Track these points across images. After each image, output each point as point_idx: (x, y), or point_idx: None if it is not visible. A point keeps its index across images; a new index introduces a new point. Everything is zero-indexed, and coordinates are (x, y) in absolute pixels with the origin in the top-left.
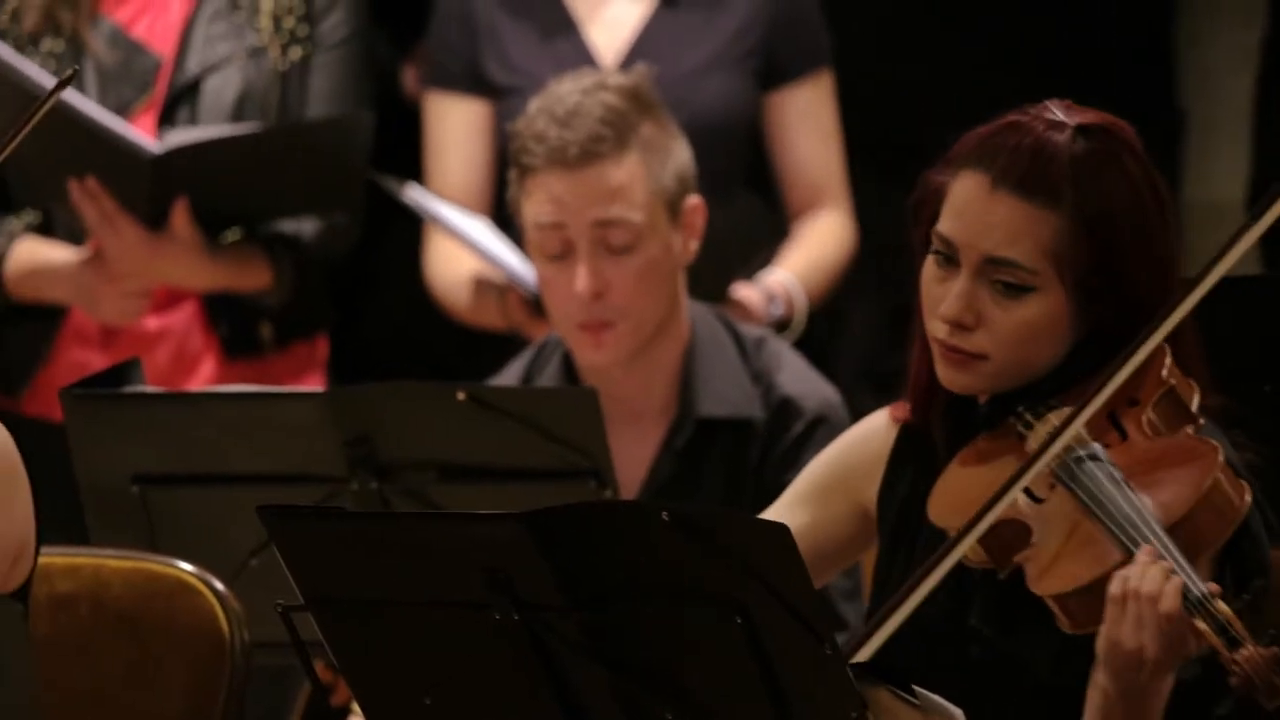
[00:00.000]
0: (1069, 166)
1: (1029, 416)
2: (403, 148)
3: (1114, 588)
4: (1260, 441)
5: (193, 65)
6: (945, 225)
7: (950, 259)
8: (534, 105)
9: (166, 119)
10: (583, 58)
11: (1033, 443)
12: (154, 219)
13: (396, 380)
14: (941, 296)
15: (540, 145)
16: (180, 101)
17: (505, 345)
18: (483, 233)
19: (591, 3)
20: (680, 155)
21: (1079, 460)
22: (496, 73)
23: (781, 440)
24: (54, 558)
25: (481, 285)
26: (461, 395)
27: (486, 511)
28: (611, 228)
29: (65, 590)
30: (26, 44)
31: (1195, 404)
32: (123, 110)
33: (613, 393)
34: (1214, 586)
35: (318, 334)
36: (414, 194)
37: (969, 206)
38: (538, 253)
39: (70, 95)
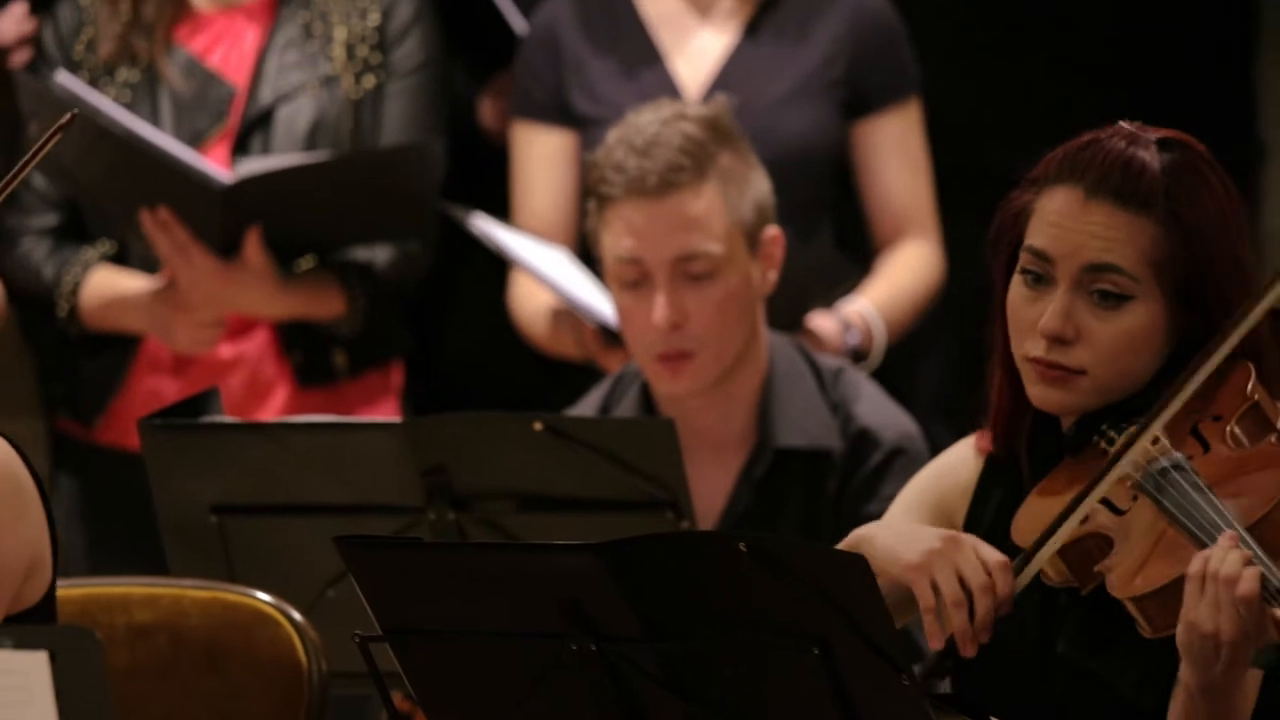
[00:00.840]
0: (1160, 176)
1: (1112, 433)
2: (481, 179)
3: (1193, 567)
4: None
5: (266, 94)
6: (1039, 240)
7: (1041, 277)
8: (613, 135)
9: (240, 148)
10: (667, 89)
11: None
12: (227, 248)
13: (474, 410)
14: (1034, 316)
15: (619, 175)
16: (254, 130)
17: (584, 375)
18: (556, 262)
19: (677, 34)
20: (759, 185)
21: (1163, 471)
22: (582, 103)
23: (859, 471)
24: (132, 588)
25: (558, 316)
26: (539, 426)
27: (563, 542)
28: (690, 259)
29: (144, 620)
30: (102, 74)
31: None
32: (197, 139)
33: (691, 423)
34: None
35: (391, 362)
36: (480, 223)
37: (1064, 218)
38: (616, 282)
39: (142, 126)
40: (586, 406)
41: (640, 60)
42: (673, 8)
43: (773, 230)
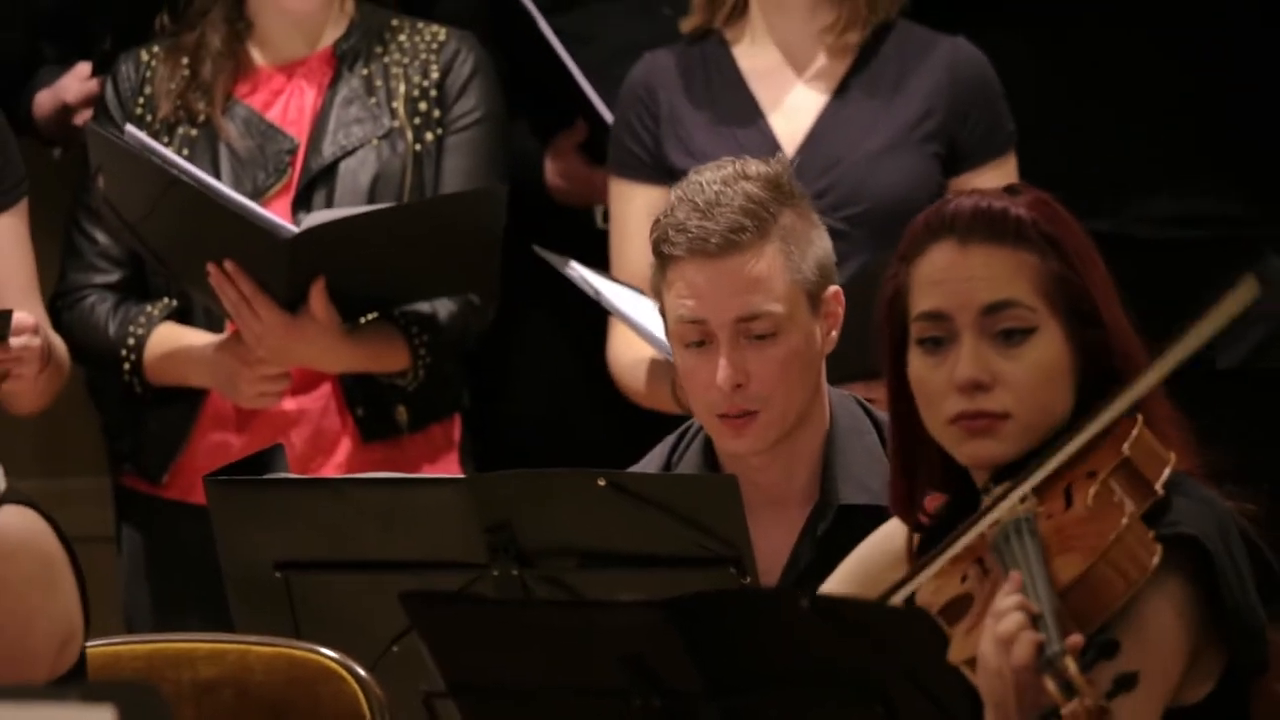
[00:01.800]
0: (1023, 210)
1: (996, 491)
2: (548, 236)
3: (988, 613)
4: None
5: (327, 149)
6: (929, 302)
7: (941, 339)
8: (675, 194)
9: (301, 203)
10: (764, 144)
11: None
12: (292, 301)
13: (537, 466)
14: (943, 379)
15: (681, 235)
16: (315, 185)
17: (647, 431)
18: (650, 312)
19: (774, 90)
20: (820, 244)
21: (1015, 526)
22: (678, 157)
23: None
24: (198, 644)
25: (655, 367)
26: (602, 482)
27: (627, 598)
28: (753, 319)
29: (209, 676)
30: (161, 131)
31: (1164, 474)
32: (257, 195)
33: (753, 480)
34: (1076, 640)
35: (453, 415)
36: (577, 270)
37: (948, 272)
38: (679, 342)
39: (206, 179)
40: (650, 463)
41: (737, 115)
42: (770, 63)
43: (834, 289)
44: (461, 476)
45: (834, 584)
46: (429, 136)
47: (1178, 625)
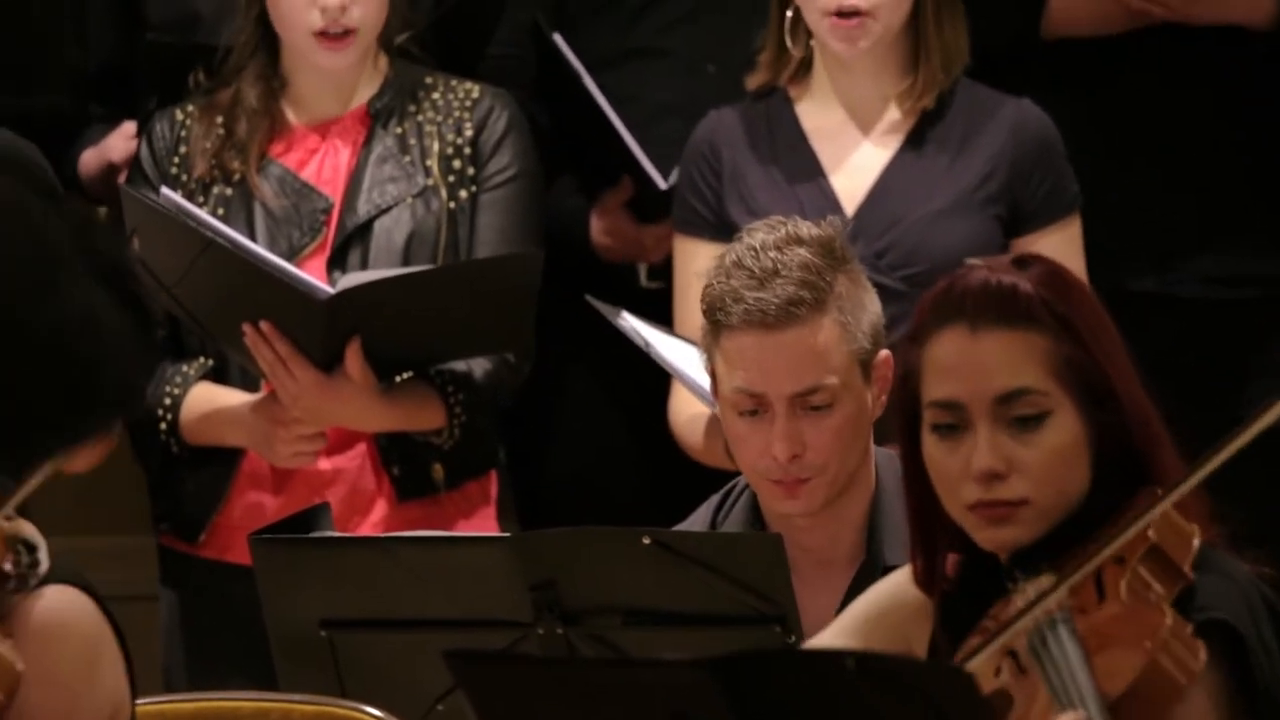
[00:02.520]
0: (1033, 288)
1: (1025, 585)
2: (591, 293)
3: None
4: None
5: (362, 207)
6: (941, 391)
7: (953, 426)
8: (729, 257)
9: (336, 262)
10: (825, 203)
11: (1016, 604)
12: (327, 361)
13: (577, 524)
14: (959, 465)
15: (737, 305)
16: (350, 244)
17: (689, 488)
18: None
19: (837, 149)
20: (872, 308)
21: (1053, 624)
22: (740, 215)
23: None
24: (242, 702)
25: (714, 424)
26: (647, 540)
27: (672, 657)
28: (811, 393)
29: None
30: (196, 190)
31: (1191, 554)
32: (292, 254)
33: (799, 540)
34: None
35: (488, 472)
36: (629, 321)
37: (959, 360)
38: (732, 409)
39: (242, 240)
40: (696, 521)
41: (800, 174)
42: (833, 121)
43: (884, 354)
44: (506, 535)
45: (844, 632)
46: (463, 194)
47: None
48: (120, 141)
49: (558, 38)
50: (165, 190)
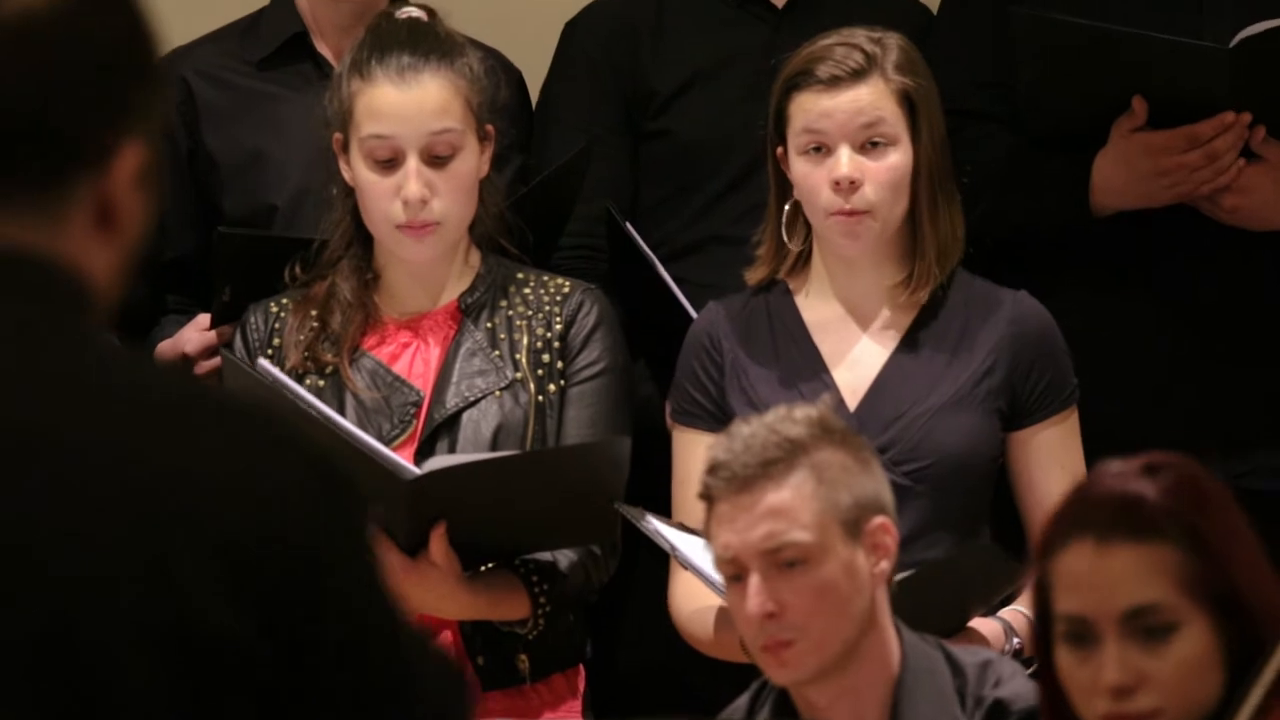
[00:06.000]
0: (1161, 498)
1: None
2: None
3: None
4: None
5: (450, 400)
6: (1070, 605)
7: (1083, 637)
8: (724, 437)
9: (424, 453)
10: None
11: None
12: (412, 546)
13: (653, 716)
14: (1089, 677)
15: (716, 472)
16: (438, 435)
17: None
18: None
19: (838, 342)
20: (864, 481)
21: None
22: (740, 406)
23: None
24: None
25: (724, 617)
26: None
27: None
28: (779, 550)
29: None
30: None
31: None
32: (382, 444)
33: None
34: None
35: (576, 665)
36: (652, 524)
37: (1086, 575)
38: (723, 577)
39: (334, 415)
40: (736, 710)
41: (801, 367)
42: (833, 315)
43: (880, 519)
44: None
45: None
46: (551, 388)
47: None
48: (195, 333)
49: (629, 226)
50: (262, 361)
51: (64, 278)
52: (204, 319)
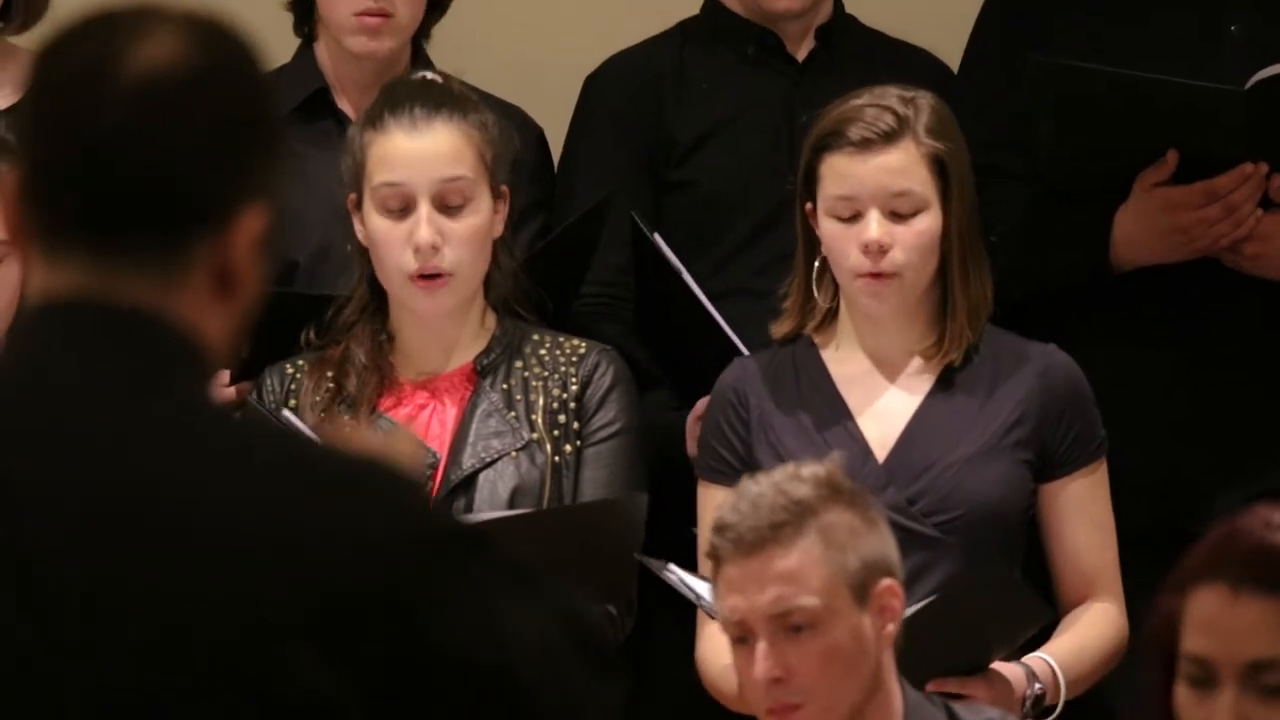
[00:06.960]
0: None
1: None
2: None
3: None
4: None
5: (466, 461)
6: (1195, 645)
7: (1204, 680)
8: (732, 495)
9: None
10: (857, 448)
11: None
12: None
13: None
14: (1204, 719)
15: (724, 535)
16: (455, 495)
17: None
18: None
19: (865, 395)
20: (872, 542)
21: None
22: (770, 463)
23: None
24: None
25: None
26: None
27: None
28: (786, 614)
29: None
30: None
31: None
32: None
33: None
34: None
35: None
36: (675, 574)
37: (1216, 620)
38: (730, 639)
39: None
40: None
41: (829, 420)
42: (860, 369)
43: (888, 582)
44: None
45: None
46: (568, 448)
47: None
48: (215, 390)
49: (657, 237)
50: (286, 412)
51: (178, 336)
52: (223, 375)
